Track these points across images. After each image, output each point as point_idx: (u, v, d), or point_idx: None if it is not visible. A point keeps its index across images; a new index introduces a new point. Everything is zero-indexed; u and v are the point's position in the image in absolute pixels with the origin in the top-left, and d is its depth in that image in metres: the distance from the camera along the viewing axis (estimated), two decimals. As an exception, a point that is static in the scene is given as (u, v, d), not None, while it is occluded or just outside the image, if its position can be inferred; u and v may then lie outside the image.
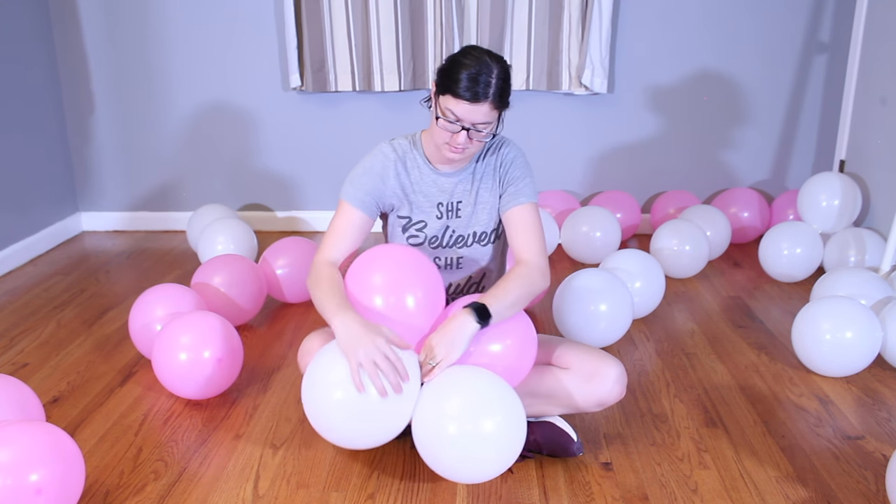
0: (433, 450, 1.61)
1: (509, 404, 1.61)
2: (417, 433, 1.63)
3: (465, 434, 1.57)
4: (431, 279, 1.77)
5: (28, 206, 3.41)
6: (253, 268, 2.63)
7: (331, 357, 1.64)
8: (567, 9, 3.35)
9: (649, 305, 2.63)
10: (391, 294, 1.71)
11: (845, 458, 1.87)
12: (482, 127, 1.73)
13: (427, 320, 1.74)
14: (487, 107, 1.70)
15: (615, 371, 1.78)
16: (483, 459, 1.59)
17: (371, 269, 1.75)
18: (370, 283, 1.72)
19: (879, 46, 3.05)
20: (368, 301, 1.70)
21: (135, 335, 2.29)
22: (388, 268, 1.75)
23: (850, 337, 2.20)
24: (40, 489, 1.48)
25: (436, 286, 1.77)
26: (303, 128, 3.64)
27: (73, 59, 3.58)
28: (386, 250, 1.80)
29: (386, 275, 1.73)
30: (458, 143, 1.73)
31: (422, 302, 1.72)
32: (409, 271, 1.74)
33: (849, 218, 3.00)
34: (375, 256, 1.78)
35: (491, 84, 1.68)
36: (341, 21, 3.39)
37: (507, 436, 1.59)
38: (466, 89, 1.67)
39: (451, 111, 1.71)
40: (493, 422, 1.57)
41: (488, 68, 1.68)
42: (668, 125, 3.59)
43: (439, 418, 1.58)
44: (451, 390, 1.61)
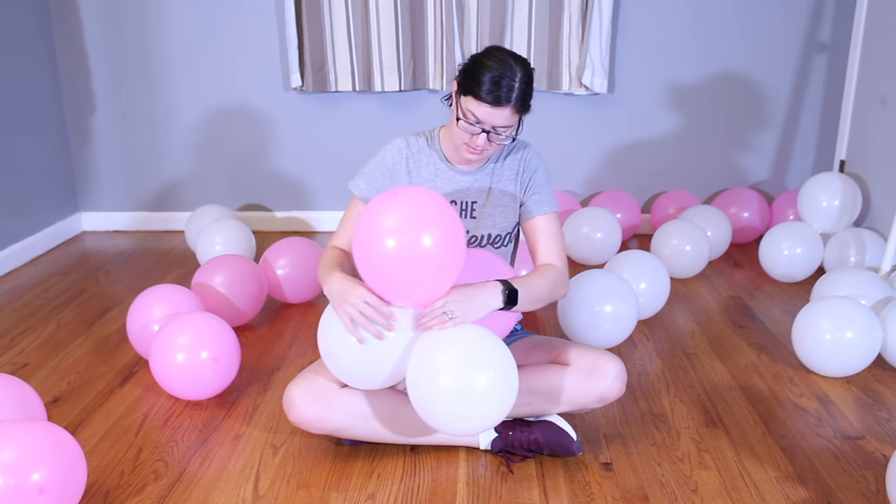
0: (426, 403, 1.60)
1: (502, 358, 1.60)
2: (411, 386, 1.61)
3: (458, 387, 1.56)
4: (450, 219, 1.63)
5: (28, 206, 3.41)
6: (253, 268, 2.63)
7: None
8: (567, 9, 3.35)
9: (654, 307, 2.63)
10: (404, 234, 1.57)
11: (845, 458, 1.87)
12: (502, 130, 1.72)
13: (447, 270, 1.62)
14: (509, 111, 1.69)
15: (615, 367, 1.79)
16: (476, 414, 1.58)
17: (382, 210, 1.61)
18: (381, 226, 1.58)
19: (879, 46, 3.05)
20: (380, 245, 1.58)
21: (133, 336, 2.29)
22: (401, 208, 1.60)
23: (850, 337, 2.20)
24: (43, 488, 1.48)
25: (455, 228, 1.63)
26: (303, 128, 3.64)
27: (73, 59, 3.58)
28: (398, 191, 1.65)
29: (399, 215, 1.58)
30: (478, 144, 1.73)
31: (440, 243, 1.58)
32: (425, 210, 1.60)
33: (849, 218, 3.00)
34: (386, 198, 1.64)
35: (514, 88, 1.67)
36: (341, 21, 3.39)
37: (500, 390, 1.59)
38: (489, 92, 1.66)
39: (472, 113, 1.70)
40: (486, 376, 1.57)
41: (512, 72, 1.67)
42: (667, 125, 3.59)
43: (432, 371, 1.58)
44: (444, 343, 1.60)
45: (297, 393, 1.76)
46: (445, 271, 1.61)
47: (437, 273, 1.60)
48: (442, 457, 1.86)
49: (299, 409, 1.75)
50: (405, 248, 1.56)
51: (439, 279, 1.62)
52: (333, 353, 1.70)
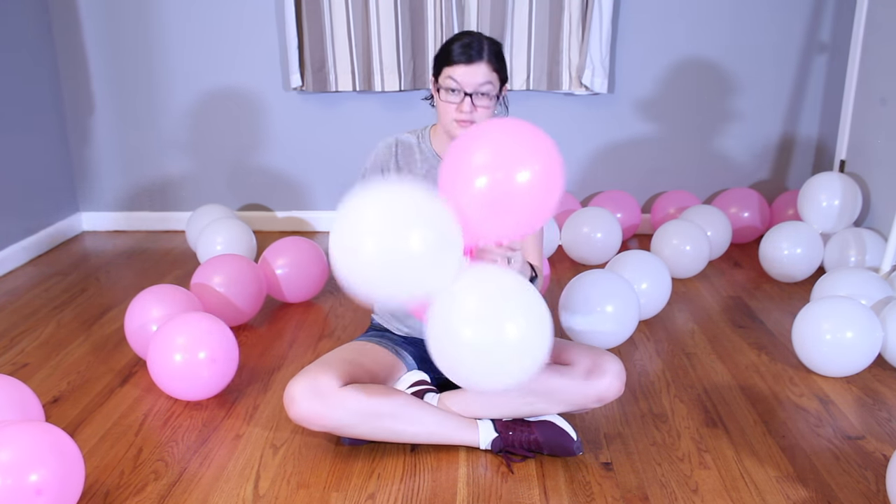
0: (449, 355, 1.43)
1: (533, 305, 1.42)
2: (432, 338, 1.45)
3: (483, 339, 1.39)
4: (549, 151, 1.47)
5: (28, 206, 3.41)
6: (252, 268, 2.63)
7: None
8: (567, 9, 3.35)
9: (655, 307, 2.63)
10: (498, 170, 1.43)
11: (845, 458, 1.87)
12: (486, 89, 1.76)
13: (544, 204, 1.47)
14: (485, 67, 1.75)
15: (614, 367, 1.79)
16: (504, 367, 1.42)
17: (472, 146, 1.46)
18: (471, 163, 1.44)
19: (879, 46, 3.05)
20: (469, 184, 1.44)
21: (131, 336, 2.29)
22: (494, 142, 1.46)
23: (850, 337, 2.20)
24: (40, 489, 1.48)
25: (554, 162, 1.48)
26: (303, 128, 3.64)
27: (73, 59, 3.58)
28: (493, 123, 1.53)
29: (492, 150, 1.44)
30: (464, 111, 1.77)
31: (539, 179, 1.44)
32: (521, 144, 1.45)
33: (849, 218, 3.00)
34: (478, 132, 1.50)
35: (483, 46, 1.77)
36: (341, 21, 3.39)
37: (530, 340, 1.41)
38: (460, 53, 1.76)
39: (450, 79, 1.76)
40: (515, 325, 1.39)
41: (478, 36, 1.80)
42: (668, 125, 3.59)
43: (456, 321, 1.40)
44: (469, 290, 1.42)
45: (298, 389, 1.76)
46: (542, 210, 1.49)
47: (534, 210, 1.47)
48: (442, 457, 1.86)
49: (300, 405, 1.75)
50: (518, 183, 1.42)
51: (533, 219, 1.49)
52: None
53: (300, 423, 1.77)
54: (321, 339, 2.56)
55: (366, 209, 1.39)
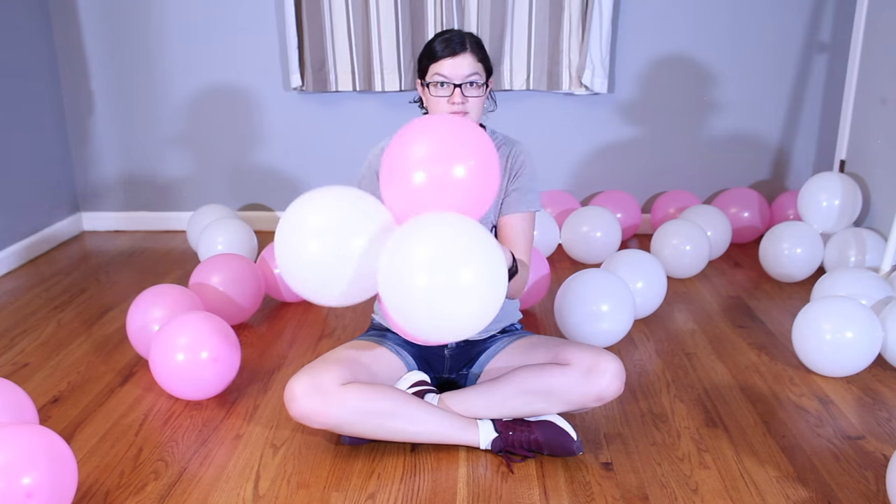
0: (402, 304, 1.38)
1: (486, 249, 1.38)
2: (383, 287, 1.40)
3: (437, 286, 1.34)
4: (485, 147, 1.48)
5: (28, 206, 3.41)
6: (251, 267, 2.63)
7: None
8: (567, 9, 3.35)
9: (651, 306, 2.63)
10: (436, 164, 1.43)
11: (845, 458, 1.87)
12: (472, 79, 1.81)
13: (480, 198, 1.48)
14: (469, 57, 1.81)
15: (614, 366, 1.79)
16: (460, 314, 1.37)
17: (411, 140, 1.46)
18: (411, 156, 1.44)
19: (879, 46, 3.05)
20: (408, 178, 1.44)
21: (133, 336, 2.29)
22: (432, 137, 1.46)
23: (850, 337, 2.20)
24: (31, 493, 1.45)
25: (490, 156, 1.49)
26: (303, 128, 3.64)
27: (73, 59, 3.58)
28: (428, 119, 1.53)
29: (430, 145, 1.44)
30: (456, 101, 1.80)
31: (475, 173, 1.44)
32: (458, 139, 1.46)
33: (849, 218, 3.00)
34: (416, 126, 1.50)
35: (465, 39, 1.82)
36: (342, 21, 3.39)
37: (485, 285, 1.36)
38: (444, 49, 1.81)
39: (438, 75, 1.81)
40: (469, 271, 1.34)
41: (457, 31, 1.86)
42: (668, 125, 3.59)
43: (408, 268, 1.35)
44: (420, 235, 1.38)
45: (299, 387, 1.76)
46: (475, 201, 1.48)
47: (466, 202, 1.46)
48: (442, 457, 1.86)
49: (300, 403, 1.75)
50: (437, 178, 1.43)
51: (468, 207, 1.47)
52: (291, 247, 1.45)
53: (300, 420, 1.77)
54: (321, 339, 2.56)
55: (309, 214, 1.44)
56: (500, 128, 2.04)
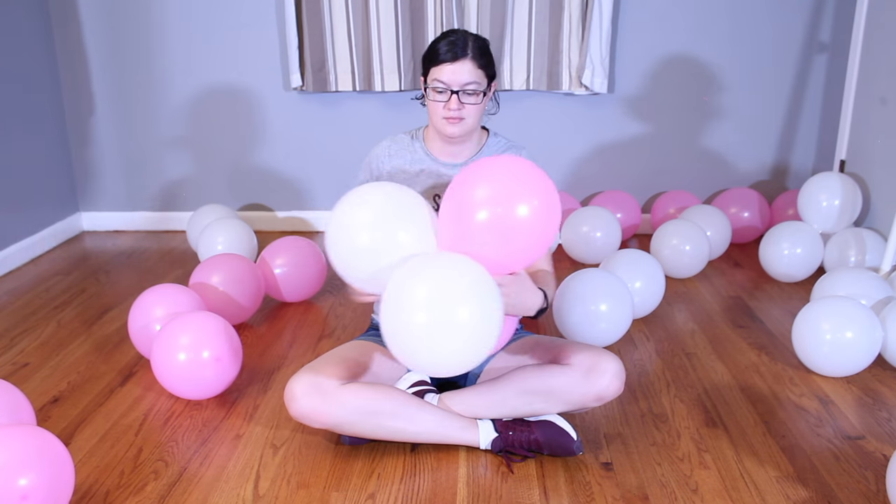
0: (401, 340, 1.49)
1: (483, 289, 1.48)
2: (385, 323, 1.51)
3: (435, 323, 1.44)
4: (545, 188, 1.56)
5: (28, 206, 3.41)
6: (251, 267, 2.63)
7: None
8: (567, 9, 3.35)
9: (649, 305, 2.63)
10: (498, 205, 1.51)
11: (845, 458, 1.87)
12: (470, 88, 1.78)
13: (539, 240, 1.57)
14: (469, 64, 1.78)
15: (614, 366, 1.79)
16: (455, 350, 1.48)
17: (474, 181, 1.55)
18: (473, 198, 1.52)
19: (879, 46, 3.05)
20: (470, 217, 1.52)
21: (134, 335, 2.29)
22: (495, 178, 1.55)
23: (850, 337, 2.20)
24: (26, 494, 1.44)
25: (551, 196, 1.57)
26: (303, 128, 3.64)
27: (73, 60, 3.58)
28: (492, 161, 1.62)
29: (492, 186, 1.53)
30: (452, 108, 1.79)
31: (536, 213, 1.53)
32: (519, 181, 1.54)
33: (849, 218, 3.00)
34: (479, 167, 1.59)
35: (468, 44, 1.79)
36: (341, 21, 3.40)
37: (481, 324, 1.47)
38: (445, 52, 1.78)
39: (437, 80, 1.79)
40: (466, 309, 1.45)
41: (462, 34, 1.82)
42: (668, 125, 3.59)
43: (408, 306, 1.46)
44: (420, 275, 1.48)
45: (299, 387, 1.76)
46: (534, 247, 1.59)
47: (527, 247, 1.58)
48: (442, 457, 1.86)
49: (300, 402, 1.75)
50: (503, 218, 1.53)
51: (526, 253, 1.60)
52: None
53: (300, 420, 1.77)
54: (321, 339, 2.56)
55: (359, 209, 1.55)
56: (499, 128, 2.04)
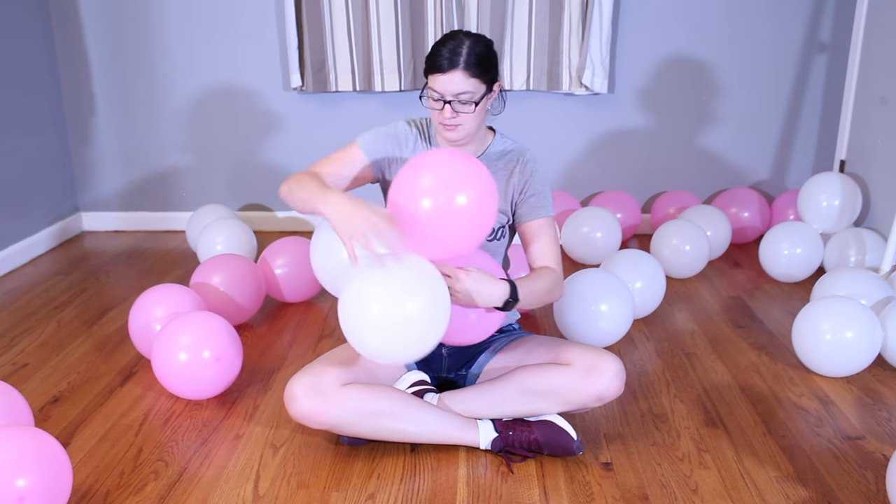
0: (359, 331, 1.61)
1: (432, 286, 1.61)
2: (343, 316, 1.61)
3: (388, 316, 1.57)
4: (485, 180, 1.67)
5: (28, 206, 3.41)
6: (252, 267, 2.63)
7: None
8: (567, 9, 3.35)
9: (650, 306, 2.63)
10: (440, 195, 1.61)
11: (845, 458, 1.87)
12: (464, 97, 1.76)
13: (479, 228, 1.67)
14: (461, 74, 1.75)
15: (614, 366, 1.79)
16: (406, 341, 1.60)
17: (419, 171, 1.65)
18: (417, 186, 1.62)
19: (879, 46, 3.05)
20: (416, 205, 1.61)
21: (134, 335, 2.29)
22: (437, 169, 1.65)
23: (850, 337, 2.20)
24: (23, 496, 1.43)
25: (490, 189, 1.67)
26: (303, 128, 3.64)
27: (73, 60, 3.58)
28: (434, 153, 1.71)
29: (435, 176, 1.63)
30: (445, 117, 1.78)
31: (475, 203, 1.63)
32: (461, 171, 1.65)
33: (849, 218, 3.00)
34: (423, 160, 1.69)
35: (461, 53, 1.75)
36: (341, 21, 3.40)
37: (430, 317, 1.59)
38: (437, 61, 1.76)
39: (431, 88, 1.78)
40: (414, 303, 1.57)
41: (459, 41, 1.77)
42: (668, 125, 3.59)
43: (364, 299, 1.58)
44: (375, 274, 1.60)
45: (299, 387, 1.76)
46: (476, 231, 1.67)
47: (468, 232, 1.66)
48: (442, 457, 1.86)
49: (300, 403, 1.75)
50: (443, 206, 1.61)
51: (469, 239, 1.67)
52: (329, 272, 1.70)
53: (300, 421, 1.77)
54: (321, 339, 2.56)
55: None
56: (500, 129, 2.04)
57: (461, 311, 1.76)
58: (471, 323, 1.79)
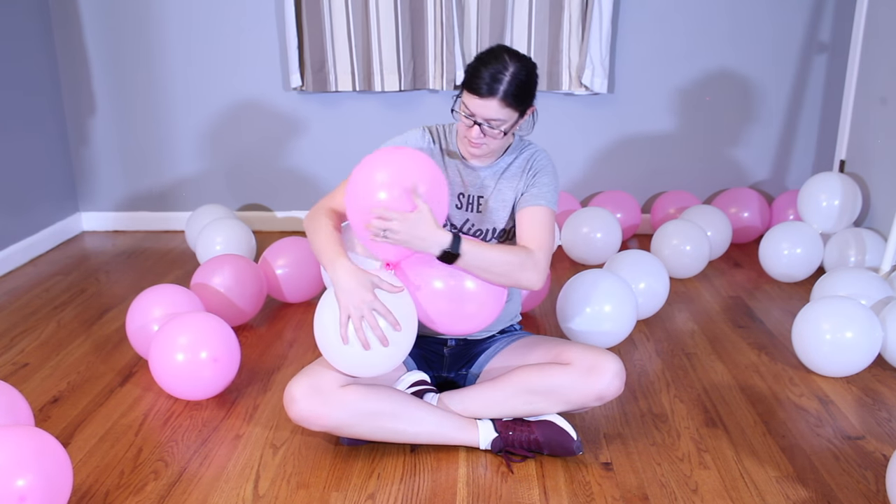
0: (333, 351, 1.75)
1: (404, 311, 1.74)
2: (318, 335, 1.77)
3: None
4: (434, 174, 1.77)
5: (28, 206, 3.41)
6: (253, 268, 2.63)
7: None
8: (567, 9, 3.35)
9: (653, 307, 2.63)
10: (394, 187, 1.69)
11: (845, 458, 1.87)
12: (495, 123, 1.75)
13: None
14: (496, 103, 1.72)
15: (614, 365, 1.79)
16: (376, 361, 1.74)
17: (373, 167, 1.74)
18: (373, 181, 1.71)
19: (879, 46, 3.05)
20: (372, 198, 1.70)
21: (132, 336, 2.29)
22: (390, 165, 1.74)
23: (850, 337, 2.20)
24: (24, 496, 1.44)
25: (439, 182, 1.77)
26: (303, 128, 3.64)
27: (73, 60, 3.58)
28: (383, 153, 1.79)
29: (389, 172, 1.72)
30: (473, 137, 1.77)
31: (427, 194, 1.73)
32: (411, 166, 1.74)
33: (849, 218, 3.00)
34: (376, 157, 1.77)
35: (502, 81, 1.70)
36: (341, 21, 3.40)
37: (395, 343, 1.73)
38: (476, 84, 1.72)
39: (465, 105, 1.76)
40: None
41: (503, 66, 1.71)
42: (667, 125, 3.59)
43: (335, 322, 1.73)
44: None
45: (298, 389, 1.76)
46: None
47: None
48: (442, 457, 1.86)
49: (300, 404, 1.75)
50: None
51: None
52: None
53: (300, 422, 1.77)
54: (321, 339, 2.55)
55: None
56: None
57: (458, 303, 1.77)
58: (468, 313, 1.80)
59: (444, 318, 1.82)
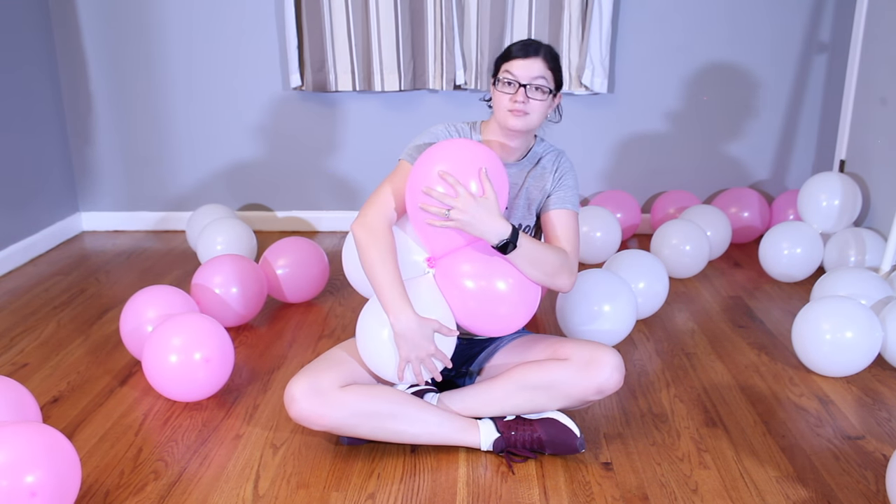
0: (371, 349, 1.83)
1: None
2: (370, 359, 1.83)
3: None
4: (499, 165, 1.81)
5: (28, 206, 3.41)
6: (253, 268, 2.63)
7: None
8: (567, 9, 3.35)
9: (653, 306, 2.63)
10: (467, 168, 1.75)
11: (845, 458, 1.88)
12: (538, 82, 1.82)
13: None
14: (541, 62, 1.83)
15: (613, 358, 1.79)
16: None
17: (442, 153, 1.79)
18: (444, 163, 1.76)
19: (879, 46, 3.05)
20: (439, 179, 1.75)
21: (126, 337, 2.28)
22: (461, 150, 1.79)
23: (850, 337, 2.20)
24: (35, 491, 1.45)
25: (503, 174, 1.82)
26: (303, 128, 3.64)
27: (73, 60, 3.58)
28: (449, 143, 1.83)
29: (459, 156, 1.77)
30: (518, 100, 1.82)
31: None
32: (480, 154, 1.79)
33: (849, 218, 3.00)
34: (444, 144, 1.82)
35: (541, 47, 1.86)
36: (341, 21, 3.40)
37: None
38: (519, 49, 1.84)
39: (507, 72, 1.84)
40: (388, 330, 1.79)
41: (537, 41, 1.88)
42: (668, 125, 3.59)
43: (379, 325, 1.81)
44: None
45: (299, 389, 1.76)
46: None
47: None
48: (442, 457, 1.86)
49: (300, 404, 1.75)
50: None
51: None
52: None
53: (300, 422, 1.77)
54: (321, 339, 2.56)
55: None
56: None
57: (491, 304, 1.79)
58: (501, 315, 1.81)
59: (478, 322, 1.84)
